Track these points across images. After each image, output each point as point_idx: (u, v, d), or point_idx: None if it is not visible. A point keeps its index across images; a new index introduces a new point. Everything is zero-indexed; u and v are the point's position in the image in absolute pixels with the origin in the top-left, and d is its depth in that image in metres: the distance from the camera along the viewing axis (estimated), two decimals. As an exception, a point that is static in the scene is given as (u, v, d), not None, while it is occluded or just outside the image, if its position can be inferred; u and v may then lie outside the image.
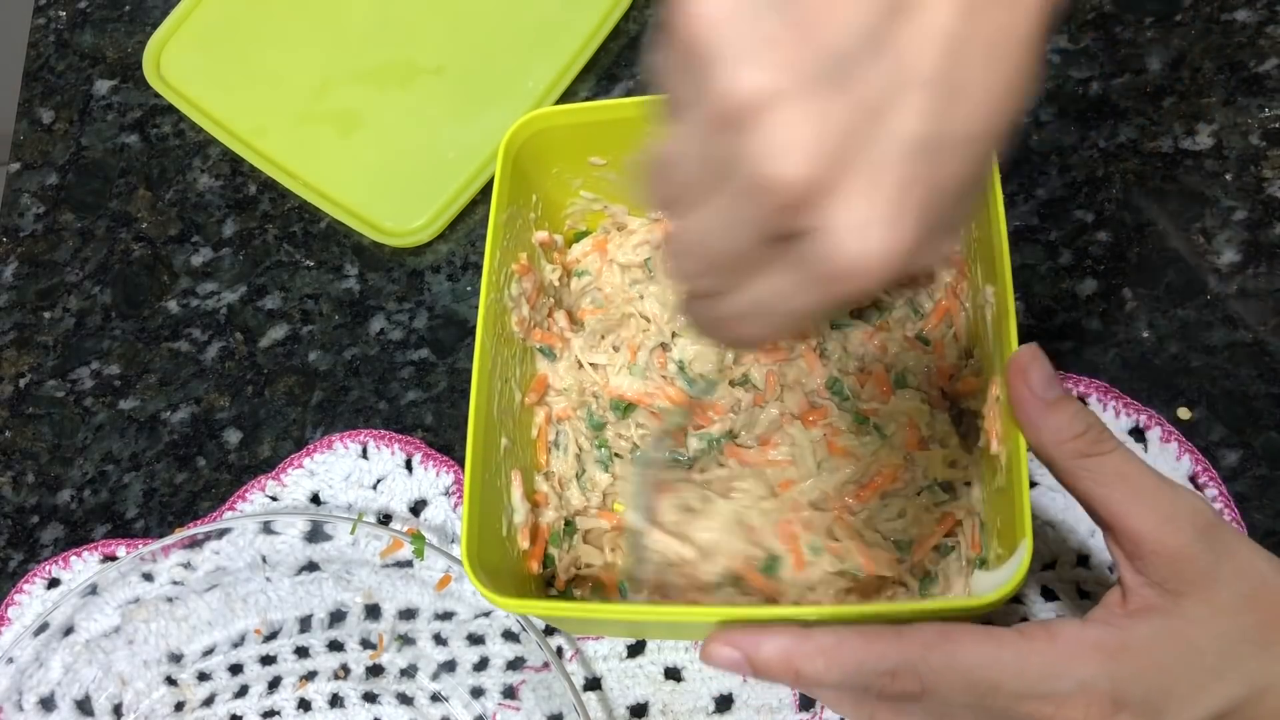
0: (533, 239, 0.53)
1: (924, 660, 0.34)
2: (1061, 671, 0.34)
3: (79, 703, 0.55)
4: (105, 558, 0.58)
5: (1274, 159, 0.57)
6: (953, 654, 0.34)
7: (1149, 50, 0.61)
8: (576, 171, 0.54)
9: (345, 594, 0.55)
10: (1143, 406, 0.52)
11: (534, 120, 0.50)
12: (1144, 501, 0.35)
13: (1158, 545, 0.35)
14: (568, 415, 0.54)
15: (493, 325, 0.48)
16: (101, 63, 0.74)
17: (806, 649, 0.35)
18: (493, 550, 0.46)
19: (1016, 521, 0.38)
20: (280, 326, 0.63)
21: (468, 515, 0.43)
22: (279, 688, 0.54)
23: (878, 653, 0.34)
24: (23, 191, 0.70)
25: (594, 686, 0.52)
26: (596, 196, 0.55)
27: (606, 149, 0.53)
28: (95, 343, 0.65)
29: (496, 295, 0.49)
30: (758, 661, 0.35)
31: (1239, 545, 0.35)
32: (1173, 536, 0.35)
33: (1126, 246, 0.57)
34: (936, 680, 0.34)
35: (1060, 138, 0.60)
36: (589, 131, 0.51)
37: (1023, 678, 0.34)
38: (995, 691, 0.34)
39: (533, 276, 0.52)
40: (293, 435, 0.60)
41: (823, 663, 0.34)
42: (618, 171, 0.54)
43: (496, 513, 0.47)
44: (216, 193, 0.68)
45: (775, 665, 0.35)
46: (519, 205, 0.52)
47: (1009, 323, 0.42)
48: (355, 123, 0.67)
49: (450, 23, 0.69)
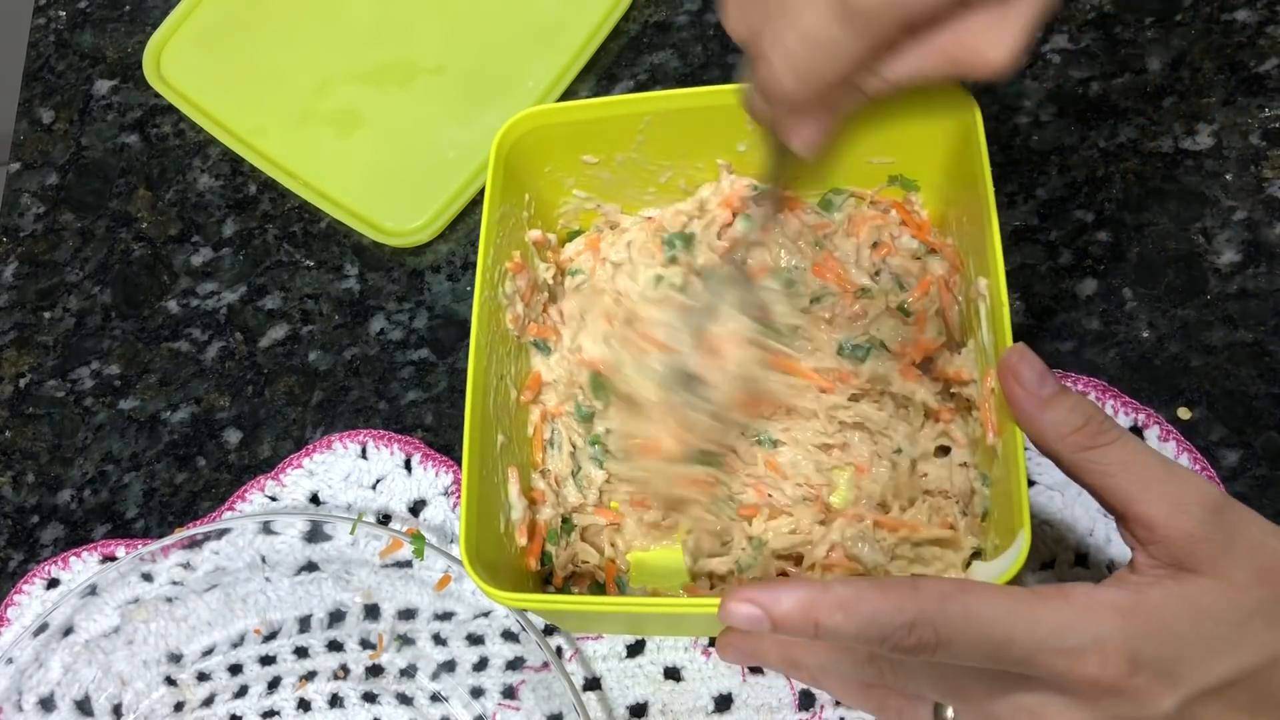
0: (526, 237, 0.53)
1: (941, 612, 0.34)
2: (1077, 627, 0.34)
3: (78, 703, 0.55)
4: (105, 558, 0.58)
5: (1274, 159, 0.57)
6: (968, 606, 0.34)
7: (1149, 50, 0.61)
8: (569, 170, 0.54)
9: (345, 594, 0.55)
10: (1141, 406, 0.52)
11: (526, 119, 0.50)
12: (1152, 488, 0.36)
13: (1170, 529, 0.35)
14: (559, 412, 0.54)
15: (487, 323, 0.48)
16: (101, 63, 0.74)
17: (826, 600, 0.34)
18: (491, 546, 0.46)
19: (1014, 513, 0.39)
20: (280, 326, 0.63)
21: (466, 510, 0.43)
22: (278, 688, 0.54)
23: (895, 605, 0.34)
24: (23, 191, 0.70)
25: (594, 686, 0.52)
26: (589, 195, 0.56)
27: (599, 147, 0.53)
28: (95, 343, 0.65)
29: (491, 293, 0.49)
30: (777, 615, 0.35)
31: (1250, 524, 0.36)
32: (1184, 520, 0.35)
33: (1126, 246, 0.57)
34: (952, 633, 0.34)
35: (1060, 138, 0.60)
36: (581, 130, 0.51)
37: (1037, 633, 0.34)
38: (1009, 645, 0.34)
39: (526, 274, 0.52)
40: (293, 435, 0.60)
41: (842, 615, 0.34)
42: (610, 170, 0.54)
43: (494, 509, 0.47)
44: (216, 193, 0.68)
45: (795, 618, 0.34)
46: (512, 204, 0.52)
47: (1003, 313, 0.42)
48: (355, 123, 0.67)
49: (450, 23, 0.69)
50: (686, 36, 0.67)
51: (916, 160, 0.52)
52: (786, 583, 0.35)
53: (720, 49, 0.66)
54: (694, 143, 0.52)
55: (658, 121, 0.51)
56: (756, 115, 0.41)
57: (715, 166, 0.54)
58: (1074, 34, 0.62)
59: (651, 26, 0.68)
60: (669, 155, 0.53)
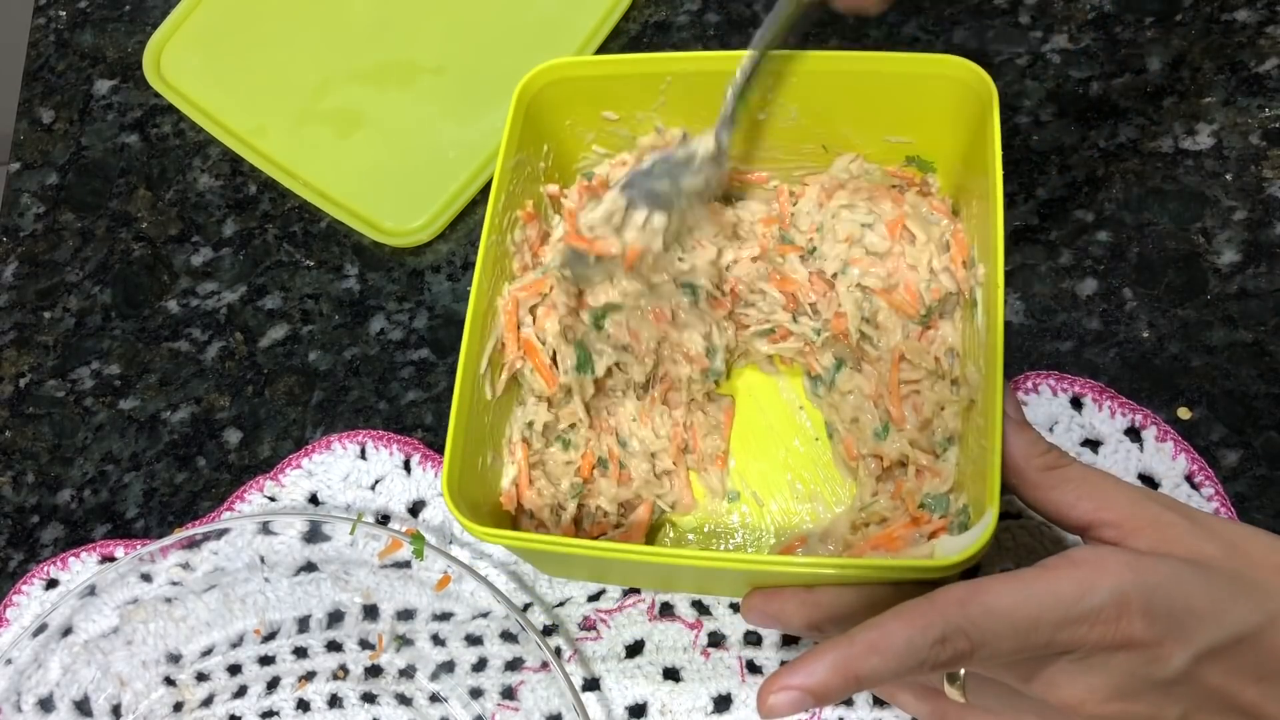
0: (541, 189, 0.53)
1: (965, 617, 0.34)
2: (1092, 586, 0.34)
3: (78, 703, 0.55)
4: (104, 558, 0.58)
5: (1274, 159, 0.57)
6: (987, 603, 0.34)
7: (1149, 50, 0.61)
8: (589, 125, 0.54)
9: (344, 594, 0.55)
10: (1139, 406, 0.52)
11: (550, 70, 0.50)
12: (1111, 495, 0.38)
13: (1138, 520, 0.37)
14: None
15: (492, 267, 0.48)
16: (101, 63, 0.74)
17: (856, 652, 0.34)
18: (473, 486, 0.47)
19: (986, 490, 0.39)
20: (280, 326, 0.63)
21: (451, 444, 0.44)
22: (278, 688, 0.54)
23: (921, 626, 0.34)
24: (23, 191, 0.70)
25: (593, 686, 0.52)
26: (608, 152, 0.55)
27: (620, 104, 0.52)
28: (95, 343, 0.65)
29: (498, 237, 0.49)
30: (815, 688, 0.35)
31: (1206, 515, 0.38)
32: (1148, 510, 0.37)
33: (1126, 246, 0.57)
34: (982, 633, 0.34)
35: (1060, 138, 0.60)
36: (604, 85, 0.51)
37: (1059, 604, 0.34)
38: (1036, 626, 0.34)
39: (537, 225, 0.52)
40: (293, 435, 0.60)
41: (877, 659, 0.34)
42: (630, 128, 0.54)
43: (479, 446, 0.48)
44: (216, 193, 0.68)
45: (835, 682, 0.35)
46: (529, 152, 0.52)
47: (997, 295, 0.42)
48: (355, 123, 0.67)
49: (450, 23, 0.69)
50: (686, 36, 0.67)
51: (934, 142, 0.52)
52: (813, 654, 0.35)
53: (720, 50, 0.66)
54: (714, 107, 0.51)
55: (679, 82, 0.50)
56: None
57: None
58: (1074, 34, 0.62)
59: (651, 26, 0.68)
60: (689, 118, 0.52)
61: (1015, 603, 0.34)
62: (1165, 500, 0.38)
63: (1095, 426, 0.53)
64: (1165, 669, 0.35)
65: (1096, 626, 0.34)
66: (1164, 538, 0.37)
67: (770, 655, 0.51)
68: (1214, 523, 0.38)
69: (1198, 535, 0.37)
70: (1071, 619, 0.34)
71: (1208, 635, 0.35)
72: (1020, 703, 0.39)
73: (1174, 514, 0.37)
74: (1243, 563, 0.36)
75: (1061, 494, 0.39)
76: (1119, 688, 0.35)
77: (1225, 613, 0.35)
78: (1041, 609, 0.34)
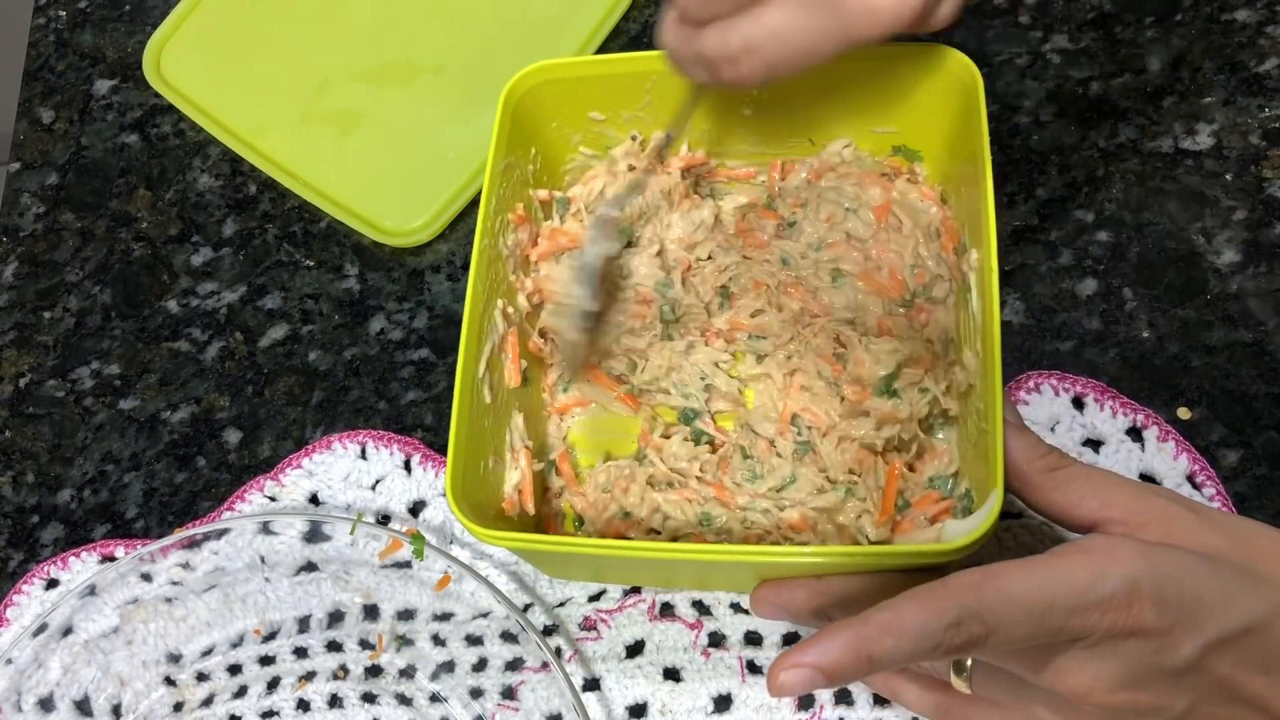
0: (531, 193, 0.54)
1: (980, 601, 0.34)
2: (1104, 572, 0.34)
3: (78, 703, 0.55)
4: (104, 558, 0.58)
5: (1274, 159, 0.57)
6: (1001, 588, 0.34)
7: (1149, 50, 0.61)
8: (576, 126, 0.54)
9: (344, 594, 0.55)
10: (1140, 406, 0.52)
11: (536, 72, 0.51)
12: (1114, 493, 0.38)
13: (1144, 515, 0.37)
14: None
15: (486, 271, 0.48)
16: (101, 63, 0.74)
17: (870, 632, 0.34)
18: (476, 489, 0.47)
19: (989, 472, 0.39)
20: (280, 326, 0.63)
21: (454, 446, 0.44)
22: (278, 688, 0.54)
23: (935, 609, 0.34)
24: (23, 191, 0.70)
25: (593, 687, 0.52)
26: (595, 153, 0.55)
27: (606, 104, 0.53)
28: (95, 343, 0.65)
29: (490, 241, 0.49)
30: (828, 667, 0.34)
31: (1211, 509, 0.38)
32: (1154, 504, 0.37)
33: (1126, 246, 0.57)
34: (996, 617, 0.34)
35: (1060, 138, 0.60)
36: (589, 86, 0.51)
37: (1072, 589, 0.34)
38: (1050, 611, 0.34)
39: (528, 228, 0.53)
40: (293, 435, 0.60)
41: (891, 640, 0.34)
42: (616, 129, 0.54)
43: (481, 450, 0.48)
44: (216, 193, 0.68)
45: (848, 661, 0.34)
46: (517, 156, 0.52)
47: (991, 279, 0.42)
48: (355, 123, 0.67)
49: (450, 23, 0.69)
50: (686, 36, 0.67)
51: (919, 131, 0.52)
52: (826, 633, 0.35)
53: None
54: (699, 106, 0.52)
55: (664, 81, 0.50)
56: (669, 47, 0.41)
57: None
58: (1074, 34, 0.62)
59: (651, 26, 0.68)
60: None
61: (1029, 588, 0.34)
62: (1169, 494, 0.38)
63: (1097, 426, 0.53)
64: (1174, 658, 0.35)
65: (1108, 613, 0.34)
66: (1170, 531, 0.37)
67: (771, 655, 0.51)
68: (1219, 516, 0.38)
69: (1204, 528, 0.37)
70: (1084, 605, 0.34)
71: (1217, 625, 0.35)
72: (1027, 694, 0.39)
73: (1179, 507, 0.37)
74: (1249, 555, 0.36)
75: (1065, 494, 0.39)
76: (1127, 676, 0.35)
77: (1234, 604, 0.35)
78: (1055, 594, 0.34)
